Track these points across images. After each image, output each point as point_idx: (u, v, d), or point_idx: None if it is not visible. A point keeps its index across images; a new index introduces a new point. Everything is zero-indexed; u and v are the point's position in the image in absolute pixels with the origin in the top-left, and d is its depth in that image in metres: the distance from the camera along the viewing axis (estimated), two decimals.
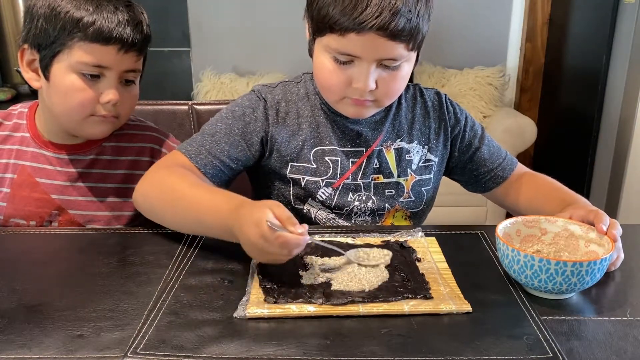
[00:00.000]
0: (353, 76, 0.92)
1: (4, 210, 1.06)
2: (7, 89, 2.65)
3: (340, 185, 1.03)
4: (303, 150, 1.03)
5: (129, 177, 1.09)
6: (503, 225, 0.82)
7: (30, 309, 0.72)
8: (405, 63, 0.95)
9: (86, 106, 1.00)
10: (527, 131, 2.62)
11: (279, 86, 1.07)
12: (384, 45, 0.88)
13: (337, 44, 0.90)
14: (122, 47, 0.98)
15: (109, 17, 0.96)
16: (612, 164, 2.36)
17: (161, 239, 0.93)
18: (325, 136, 1.03)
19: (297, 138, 1.03)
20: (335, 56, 0.92)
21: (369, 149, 1.04)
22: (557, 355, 0.63)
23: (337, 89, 0.95)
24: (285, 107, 1.04)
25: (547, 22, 2.95)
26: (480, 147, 1.10)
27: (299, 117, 1.04)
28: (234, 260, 0.83)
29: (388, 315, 0.70)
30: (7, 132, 1.09)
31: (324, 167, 1.03)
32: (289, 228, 0.73)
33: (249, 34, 2.99)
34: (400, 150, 1.06)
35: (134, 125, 1.14)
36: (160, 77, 2.99)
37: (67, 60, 0.98)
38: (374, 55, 0.90)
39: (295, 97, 1.05)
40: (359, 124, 1.04)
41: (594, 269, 0.72)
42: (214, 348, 0.64)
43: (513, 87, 3.11)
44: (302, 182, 1.02)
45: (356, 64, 0.92)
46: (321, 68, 0.95)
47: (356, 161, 1.03)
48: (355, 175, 1.03)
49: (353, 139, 1.04)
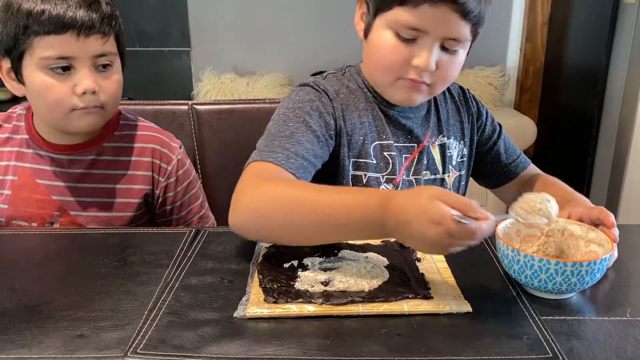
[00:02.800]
0: (415, 53, 0.91)
1: (5, 212, 1.06)
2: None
3: (400, 182, 1.02)
4: (364, 144, 0.99)
5: (130, 177, 1.08)
6: (503, 225, 0.82)
7: (30, 309, 0.72)
8: (462, 50, 0.95)
9: (63, 101, 0.97)
10: (527, 131, 2.62)
11: (329, 77, 1.02)
12: (454, 22, 0.89)
13: (407, 17, 0.89)
14: (81, 31, 0.93)
15: (58, 3, 0.92)
16: (612, 164, 2.36)
17: (161, 239, 0.93)
18: (382, 130, 1.01)
19: (359, 132, 0.99)
20: (399, 31, 0.91)
21: (421, 144, 1.04)
22: (557, 355, 0.63)
23: (396, 66, 0.93)
24: (344, 98, 1.00)
25: (547, 22, 2.95)
26: (497, 142, 1.12)
27: (358, 109, 1.00)
28: (234, 260, 0.83)
29: (388, 315, 0.70)
30: (7, 134, 1.09)
31: (383, 162, 1.00)
32: (476, 215, 0.66)
33: (249, 34, 2.99)
34: (443, 146, 1.06)
35: (134, 126, 1.13)
36: (160, 77, 2.98)
37: (31, 60, 0.96)
38: (442, 31, 0.89)
39: (351, 89, 1.02)
40: (409, 119, 1.03)
41: (594, 269, 0.72)
42: (214, 348, 0.64)
43: (513, 87, 3.11)
44: (363, 179, 0.99)
45: (419, 42, 0.91)
46: (381, 45, 0.93)
47: (408, 157, 1.03)
48: (407, 172, 1.03)
49: (405, 134, 1.03)
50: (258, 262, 0.82)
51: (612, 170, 2.36)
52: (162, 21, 2.90)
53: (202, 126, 1.41)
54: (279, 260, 0.82)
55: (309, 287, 0.75)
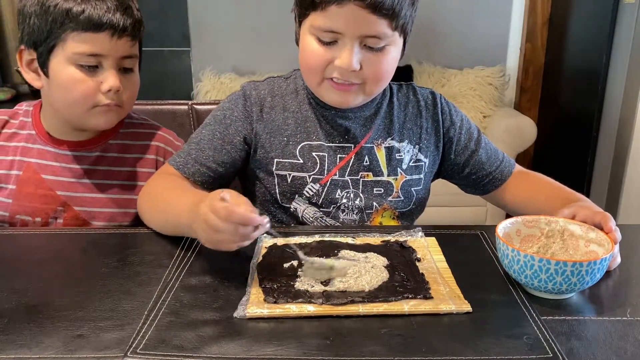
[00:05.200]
0: (336, 55, 0.93)
1: (9, 206, 1.07)
2: (7, 89, 2.66)
3: (327, 182, 1.02)
4: (288, 145, 1.02)
5: (134, 174, 1.11)
6: (503, 225, 0.82)
7: (30, 309, 0.72)
8: (391, 47, 0.94)
9: (88, 97, 1.01)
10: (527, 131, 2.62)
11: (266, 81, 1.08)
12: (366, 19, 0.89)
13: (320, 21, 0.91)
14: (115, 32, 0.99)
15: (97, 4, 0.98)
16: (612, 164, 2.36)
17: (161, 239, 0.93)
18: (312, 131, 1.03)
19: (282, 133, 1.03)
20: (318, 36, 0.93)
21: (358, 145, 1.03)
22: (557, 355, 0.63)
23: (318, 67, 0.95)
24: (271, 101, 1.05)
25: (547, 22, 2.95)
26: (477, 150, 1.08)
27: (285, 111, 1.04)
28: (234, 260, 0.83)
29: (388, 315, 0.70)
30: (14, 129, 1.11)
31: (310, 162, 1.02)
32: (241, 206, 0.72)
33: (249, 33, 2.99)
34: (390, 149, 1.05)
35: (139, 124, 1.16)
36: (160, 77, 2.98)
37: (63, 54, 0.99)
38: (356, 29, 0.90)
39: (283, 92, 1.06)
40: (349, 120, 1.03)
41: (594, 269, 0.72)
42: (214, 348, 0.64)
43: (513, 87, 3.11)
44: (288, 178, 1.02)
45: (339, 43, 0.92)
46: (305, 50, 0.96)
47: (344, 157, 1.03)
48: (343, 172, 1.03)
49: (342, 134, 1.03)
50: (258, 262, 0.82)
51: (612, 170, 2.36)
52: (162, 21, 2.90)
53: None
54: (279, 260, 0.82)
55: (309, 287, 0.75)
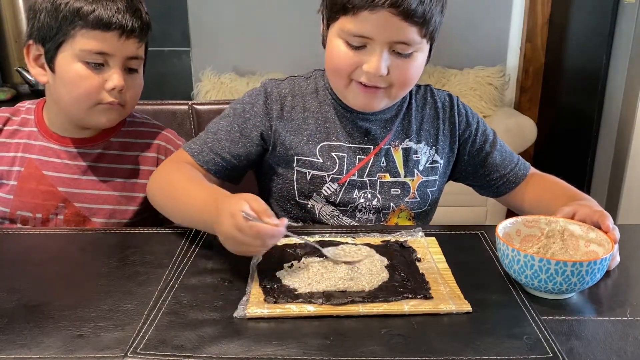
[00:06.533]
0: (364, 60, 0.93)
1: (10, 202, 1.08)
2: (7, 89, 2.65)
3: (346, 182, 1.03)
4: (308, 144, 1.03)
5: (135, 172, 1.12)
6: (503, 225, 0.82)
7: (30, 309, 0.72)
8: (418, 53, 0.95)
9: (92, 94, 1.02)
10: (527, 131, 2.62)
11: (287, 80, 1.09)
12: (397, 26, 0.89)
13: (350, 25, 0.91)
14: (123, 33, 1.01)
15: (108, 4, 1.00)
16: (612, 164, 2.36)
17: (161, 239, 0.93)
18: (332, 132, 1.04)
19: (302, 132, 1.04)
20: (348, 40, 0.93)
21: (377, 146, 1.04)
22: (557, 355, 0.63)
23: (346, 70, 0.95)
24: (291, 101, 1.05)
25: (547, 22, 2.95)
26: (491, 152, 1.09)
27: (305, 111, 1.05)
28: (234, 260, 0.83)
29: (388, 315, 0.70)
30: (15, 126, 1.12)
31: (330, 162, 1.03)
32: (264, 219, 0.74)
33: (249, 33, 2.99)
34: (408, 150, 1.06)
35: (141, 123, 1.17)
36: (160, 77, 2.98)
37: (70, 50, 1.01)
38: (387, 35, 0.90)
39: (303, 92, 1.07)
40: (369, 121, 1.04)
41: (594, 269, 0.72)
42: (214, 348, 0.64)
43: (513, 87, 3.11)
44: (307, 176, 1.03)
45: (368, 48, 0.92)
46: (333, 53, 0.96)
47: (363, 158, 1.04)
48: (361, 172, 1.03)
49: (362, 135, 1.04)
50: (258, 262, 0.82)
51: (612, 170, 2.36)
52: (162, 21, 2.90)
53: (202, 126, 1.40)
54: (279, 260, 0.82)
55: (309, 287, 0.75)
